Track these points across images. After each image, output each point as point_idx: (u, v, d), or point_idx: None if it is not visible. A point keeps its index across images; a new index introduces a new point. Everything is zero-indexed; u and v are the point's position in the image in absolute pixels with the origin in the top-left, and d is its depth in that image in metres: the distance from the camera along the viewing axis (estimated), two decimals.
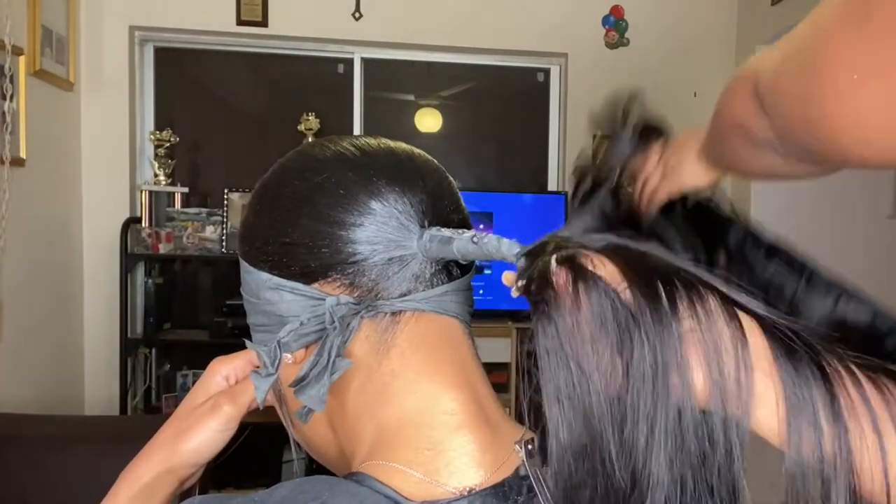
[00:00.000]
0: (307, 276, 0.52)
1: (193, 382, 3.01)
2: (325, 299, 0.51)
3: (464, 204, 0.56)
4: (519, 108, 3.56)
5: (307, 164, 0.54)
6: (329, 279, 0.51)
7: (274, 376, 0.53)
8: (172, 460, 0.59)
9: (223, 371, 0.62)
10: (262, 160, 2.99)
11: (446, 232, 0.50)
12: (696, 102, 3.34)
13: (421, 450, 0.48)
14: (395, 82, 3.42)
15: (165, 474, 0.59)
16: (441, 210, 0.53)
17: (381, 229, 0.50)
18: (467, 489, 0.46)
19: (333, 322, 0.50)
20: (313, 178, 0.52)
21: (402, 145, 0.56)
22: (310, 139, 2.97)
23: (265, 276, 0.53)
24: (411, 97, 3.46)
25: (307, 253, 0.51)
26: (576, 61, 3.28)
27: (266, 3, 3.05)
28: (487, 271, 2.96)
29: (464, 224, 0.55)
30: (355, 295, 0.51)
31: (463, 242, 0.48)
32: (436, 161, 0.57)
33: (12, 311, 2.34)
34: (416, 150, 0.56)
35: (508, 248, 0.46)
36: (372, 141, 0.55)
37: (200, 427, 0.59)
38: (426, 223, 0.51)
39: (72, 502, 1.76)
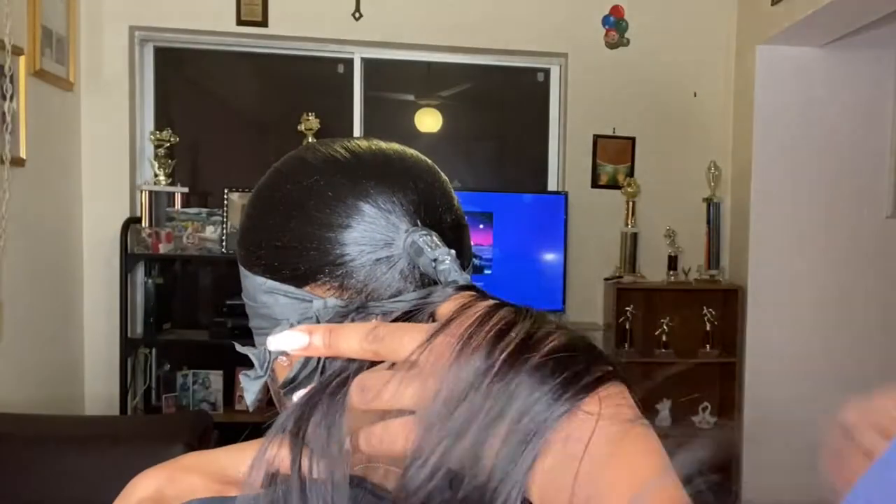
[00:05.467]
0: (298, 279, 0.52)
1: (193, 382, 3.04)
2: (313, 301, 0.51)
3: (458, 204, 0.56)
4: (519, 108, 3.56)
5: (299, 168, 0.54)
6: (319, 282, 0.51)
7: (263, 378, 0.53)
8: None
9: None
10: (262, 160, 2.99)
11: (422, 243, 0.49)
12: (696, 102, 3.34)
13: None
14: (395, 82, 3.42)
15: None
16: (433, 210, 0.52)
17: (369, 230, 0.50)
18: None
19: (320, 324, 0.50)
20: (304, 181, 0.53)
21: (395, 146, 0.56)
22: (310, 139, 2.97)
23: (260, 279, 0.53)
24: (411, 97, 3.46)
25: (297, 256, 0.51)
26: (576, 61, 3.28)
27: (266, 3, 3.05)
28: (487, 272, 2.96)
29: (456, 225, 0.54)
30: (346, 296, 0.51)
31: (426, 260, 0.48)
32: (429, 161, 0.56)
33: (12, 311, 2.34)
34: (409, 151, 0.56)
35: (447, 277, 0.46)
36: (364, 143, 0.55)
37: None
38: (418, 223, 0.51)
39: (72, 502, 1.76)
